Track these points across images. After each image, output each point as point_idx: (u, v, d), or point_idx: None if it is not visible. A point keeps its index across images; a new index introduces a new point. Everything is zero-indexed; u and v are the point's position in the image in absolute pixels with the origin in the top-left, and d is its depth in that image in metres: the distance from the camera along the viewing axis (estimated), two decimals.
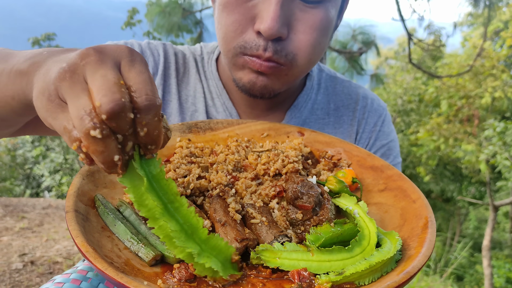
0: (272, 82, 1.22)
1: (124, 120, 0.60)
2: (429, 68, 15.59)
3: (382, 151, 1.49)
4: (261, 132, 1.27)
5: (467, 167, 13.87)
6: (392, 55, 19.88)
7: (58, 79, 0.63)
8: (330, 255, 0.74)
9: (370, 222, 0.82)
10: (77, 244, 0.68)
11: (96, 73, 0.62)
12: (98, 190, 0.91)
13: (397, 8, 6.69)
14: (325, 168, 1.16)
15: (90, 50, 0.65)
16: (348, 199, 0.94)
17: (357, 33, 7.24)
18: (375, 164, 1.13)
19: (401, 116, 16.54)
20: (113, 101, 0.58)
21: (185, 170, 1.01)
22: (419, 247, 0.76)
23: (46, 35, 13.44)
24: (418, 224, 0.85)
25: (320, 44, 1.21)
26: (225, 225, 0.79)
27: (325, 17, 1.17)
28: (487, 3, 7.09)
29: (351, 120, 1.51)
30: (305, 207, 0.87)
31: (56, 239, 7.15)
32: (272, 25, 1.08)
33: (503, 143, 10.71)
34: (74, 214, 0.76)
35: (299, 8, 1.14)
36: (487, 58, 13.58)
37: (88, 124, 0.58)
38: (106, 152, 0.60)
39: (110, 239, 0.78)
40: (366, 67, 7.46)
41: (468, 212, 17.53)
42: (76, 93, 0.61)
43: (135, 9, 11.75)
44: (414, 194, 0.96)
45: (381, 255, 0.72)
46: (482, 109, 14.10)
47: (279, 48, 1.14)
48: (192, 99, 1.43)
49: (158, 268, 0.74)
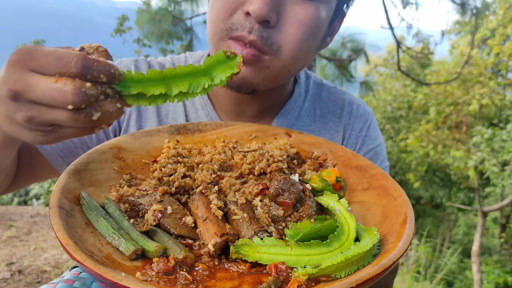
0: (252, 74, 1.20)
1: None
2: (418, 76, 15.75)
3: (369, 156, 1.50)
4: (249, 133, 1.29)
5: (456, 173, 13.99)
6: (381, 62, 20.05)
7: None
8: (308, 249, 0.75)
9: (350, 218, 0.84)
10: (58, 238, 0.69)
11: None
12: (84, 188, 0.92)
13: (386, 16, 6.77)
14: (311, 168, 1.17)
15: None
16: (330, 196, 0.96)
17: (346, 41, 7.30)
18: (360, 163, 1.15)
19: (390, 123, 16.66)
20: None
21: (171, 169, 1.02)
22: (396, 242, 0.77)
23: (35, 41, 13.38)
24: (397, 220, 0.87)
25: (307, 42, 1.20)
26: (206, 221, 0.81)
27: (316, 15, 1.17)
28: (474, 11, 7.19)
29: (337, 126, 1.52)
30: (285, 203, 0.88)
31: (44, 247, 7.07)
32: (262, 5, 1.07)
33: (491, 149, 10.83)
34: (58, 209, 0.77)
35: (291, 0, 1.15)
36: (474, 66, 13.76)
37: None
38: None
39: (93, 234, 0.79)
40: (355, 74, 7.52)
41: (457, 218, 17.65)
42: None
43: (125, 16, 11.75)
44: (396, 192, 0.98)
45: (358, 248, 0.73)
46: (470, 116, 14.25)
47: (265, 35, 1.13)
48: (172, 114, 1.42)
49: (139, 262, 0.75)
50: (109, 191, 0.96)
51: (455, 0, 7.00)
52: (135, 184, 1.01)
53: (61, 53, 0.71)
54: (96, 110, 0.73)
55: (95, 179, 0.97)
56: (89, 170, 0.98)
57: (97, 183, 0.96)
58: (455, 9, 7.22)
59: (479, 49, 15.48)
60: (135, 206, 0.89)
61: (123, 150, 1.10)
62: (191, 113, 1.42)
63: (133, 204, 0.89)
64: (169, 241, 0.79)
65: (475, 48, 14.70)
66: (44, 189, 12.40)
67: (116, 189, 0.95)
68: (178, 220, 0.84)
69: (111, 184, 0.99)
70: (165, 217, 0.83)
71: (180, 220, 0.84)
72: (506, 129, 10.49)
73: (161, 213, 0.84)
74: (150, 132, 1.19)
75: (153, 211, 0.84)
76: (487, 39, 14.96)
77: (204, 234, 0.79)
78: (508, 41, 13.29)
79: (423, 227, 16.23)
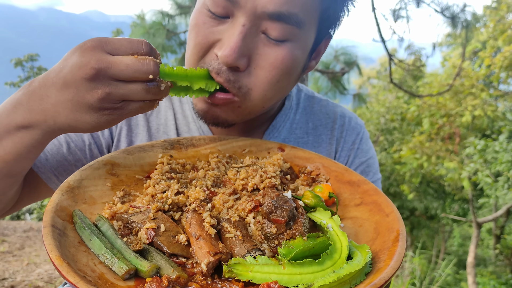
0: (225, 113, 1.20)
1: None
2: (410, 88, 15.87)
3: (361, 168, 1.50)
4: (242, 148, 1.29)
5: (449, 184, 14.05)
6: (374, 74, 20.20)
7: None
8: (301, 268, 0.75)
9: (343, 236, 0.84)
10: (51, 258, 0.69)
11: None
12: (77, 206, 0.91)
13: (378, 29, 6.83)
14: (304, 183, 1.17)
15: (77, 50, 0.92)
16: (323, 213, 0.96)
17: (339, 54, 7.36)
18: (352, 179, 1.15)
19: (384, 135, 16.73)
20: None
21: (164, 185, 1.02)
22: (388, 260, 0.77)
23: (29, 56, 13.39)
24: (389, 238, 0.87)
25: (279, 83, 1.17)
26: (200, 239, 0.80)
27: (288, 57, 1.14)
28: (465, 24, 7.27)
29: (330, 139, 1.52)
30: (278, 221, 0.88)
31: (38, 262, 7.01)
32: (229, 53, 1.06)
33: (484, 160, 10.89)
34: (51, 229, 0.77)
35: (263, 43, 1.12)
36: (466, 78, 13.90)
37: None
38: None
39: (86, 253, 0.78)
40: (348, 87, 7.56)
41: (452, 229, 17.67)
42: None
43: (119, 30, 11.80)
44: (388, 208, 0.98)
45: (350, 267, 0.73)
46: (463, 127, 14.35)
47: (232, 78, 1.12)
48: (163, 128, 1.41)
49: (132, 282, 0.75)
50: (102, 208, 0.95)
51: (445, 14, 7.09)
52: (129, 200, 1.01)
53: (129, 39, 0.91)
54: (162, 81, 0.95)
55: (88, 196, 0.97)
56: (83, 187, 0.98)
57: (90, 200, 0.96)
58: (446, 22, 7.31)
59: (470, 61, 15.66)
60: (128, 223, 0.89)
61: (116, 166, 1.10)
62: (182, 126, 1.42)
63: (126, 222, 0.89)
64: (162, 260, 0.78)
65: (467, 60, 14.87)
66: (37, 203, 12.29)
67: (110, 206, 0.95)
68: (171, 238, 0.84)
69: (105, 200, 0.99)
70: (158, 236, 0.83)
71: (174, 238, 0.84)
72: (498, 140, 10.57)
73: (154, 231, 0.84)
74: (144, 147, 1.19)
75: (146, 229, 0.84)
76: (478, 51, 15.15)
77: (197, 253, 0.79)
78: (499, 53, 13.44)
79: (418, 239, 16.22)
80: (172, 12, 6.87)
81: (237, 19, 1.09)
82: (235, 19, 1.09)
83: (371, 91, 19.19)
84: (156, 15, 6.86)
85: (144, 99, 0.93)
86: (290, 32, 1.11)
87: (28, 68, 13.87)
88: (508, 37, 13.10)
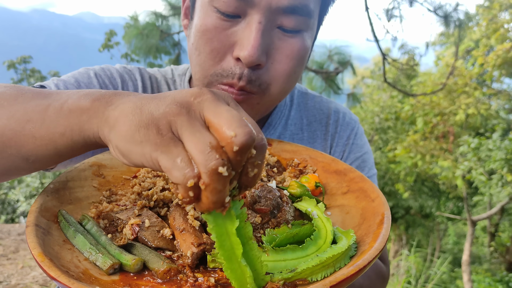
0: (245, 110, 1.21)
1: (246, 156, 0.60)
2: (404, 87, 15.92)
3: (356, 164, 1.50)
4: None
5: (444, 183, 14.11)
6: (368, 74, 20.26)
7: (172, 114, 0.62)
8: (285, 254, 0.76)
9: (327, 222, 0.85)
10: (33, 255, 0.69)
11: (220, 108, 0.62)
12: (63, 207, 0.91)
13: (371, 29, 6.86)
14: (291, 175, 1.18)
15: (204, 89, 0.66)
16: (308, 202, 0.96)
17: (333, 54, 7.37)
18: (339, 168, 1.16)
19: (378, 134, 16.79)
20: (248, 133, 0.58)
21: (150, 183, 1.02)
22: (372, 242, 0.78)
23: (21, 58, 13.33)
24: (375, 221, 0.88)
25: (295, 74, 1.21)
26: (184, 232, 0.81)
27: (302, 47, 1.17)
28: (457, 23, 7.31)
29: (324, 134, 1.52)
30: (262, 210, 0.89)
31: (32, 266, 6.98)
32: (252, 52, 1.07)
33: (477, 158, 10.94)
34: (34, 228, 0.77)
35: (277, 37, 1.14)
36: (459, 76, 13.97)
37: (217, 160, 0.57)
38: (223, 192, 0.59)
39: (70, 251, 0.78)
40: (342, 87, 7.58)
41: (447, 227, 17.74)
42: (197, 128, 0.61)
43: (112, 32, 11.78)
44: (373, 193, 0.99)
45: (333, 251, 0.74)
46: (457, 126, 14.42)
47: (253, 78, 1.13)
48: None
49: (116, 276, 0.75)
50: (88, 208, 0.95)
51: (438, 13, 7.13)
52: (115, 200, 1.01)
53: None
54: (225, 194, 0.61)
55: (74, 197, 0.97)
56: (68, 188, 0.97)
57: (76, 201, 0.96)
58: (439, 21, 7.35)
59: (463, 60, 15.75)
60: (114, 221, 0.89)
61: (103, 167, 1.10)
62: None
63: (112, 219, 0.89)
64: (150, 254, 0.79)
65: (460, 59, 14.94)
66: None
67: (95, 206, 0.95)
68: (156, 232, 0.84)
69: (91, 201, 0.98)
70: (142, 231, 0.83)
71: (158, 232, 0.84)
72: (492, 138, 10.62)
73: (139, 226, 0.84)
74: None
75: (130, 225, 0.84)
76: (471, 50, 15.24)
77: (182, 245, 0.79)
78: (492, 51, 13.52)
79: (413, 237, 16.28)
80: (166, 13, 6.86)
81: (252, 17, 1.09)
82: (249, 17, 1.10)
83: (365, 91, 19.25)
84: (150, 16, 6.85)
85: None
86: (303, 23, 1.14)
87: (21, 71, 13.81)
88: (501, 35, 13.19)
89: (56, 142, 0.81)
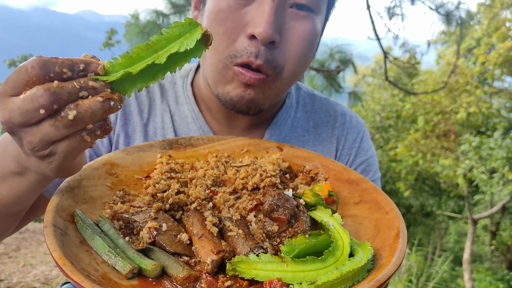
0: (258, 95, 1.22)
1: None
2: (405, 85, 15.91)
3: (362, 167, 1.50)
4: (241, 148, 1.29)
5: (445, 181, 14.11)
6: (369, 72, 20.23)
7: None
8: (304, 265, 0.76)
9: (344, 233, 0.85)
10: (54, 258, 0.69)
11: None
12: (78, 206, 0.91)
13: (373, 27, 6.85)
14: (303, 182, 1.18)
15: None
16: (323, 211, 0.96)
17: (334, 52, 7.37)
18: (351, 177, 1.16)
19: (379, 133, 16.77)
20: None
21: (165, 185, 1.02)
22: (390, 256, 0.78)
23: (22, 56, 13.30)
24: (390, 235, 0.88)
25: (306, 57, 1.23)
26: (202, 238, 0.81)
27: (313, 29, 1.20)
28: (459, 22, 7.30)
29: (331, 137, 1.52)
30: (280, 219, 0.89)
31: (34, 264, 6.97)
32: (268, 27, 1.09)
33: (479, 157, 10.94)
34: (52, 228, 0.77)
35: (290, 17, 1.16)
36: (461, 75, 13.95)
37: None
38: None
39: (88, 253, 0.78)
40: (344, 85, 7.58)
41: (448, 226, 17.74)
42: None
43: (113, 30, 11.76)
44: (387, 205, 0.99)
45: (353, 264, 0.74)
46: (458, 124, 14.41)
47: (270, 58, 1.15)
48: (160, 131, 1.40)
49: (135, 281, 0.75)
50: (102, 208, 0.95)
51: (440, 11, 7.12)
52: (128, 200, 1.01)
53: (20, 66, 0.71)
54: (70, 108, 0.69)
55: (88, 196, 0.97)
56: (82, 187, 0.97)
57: (90, 200, 0.96)
58: (441, 20, 7.34)
59: (465, 58, 15.72)
60: (130, 223, 0.89)
61: (115, 166, 1.10)
62: (181, 128, 1.41)
63: (127, 221, 0.89)
64: (169, 260, 0.79)
65: (461, 57, 14.92)
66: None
67: (110, 206, 0.95)
68: (173, 237, 0.84)
69: (105, 200, 0.99)
70: (160, 235, 0.83)
71: (175, 237, 0.84)
72: (493, 137, 10.62)
73: (156, 230, 0.84)
74: (143, 147, 1.19)
75: (148, 228, 0.84)
76: (472, 49, 15.21)
77: (200, 251, 0.79)
78: (493, 50, 13.50)
79: (414, 236, 16.27)
80: (167, 11, 6.86)
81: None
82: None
83: (366, 89, 19.22)
84: (151, 14, 6.85)
85: (62, 136, 0.73)
86: (315, 4, 1.19)
87: None
88: (502, 34, 13.17)
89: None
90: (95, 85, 0.72)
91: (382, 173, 15.64)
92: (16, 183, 0.91)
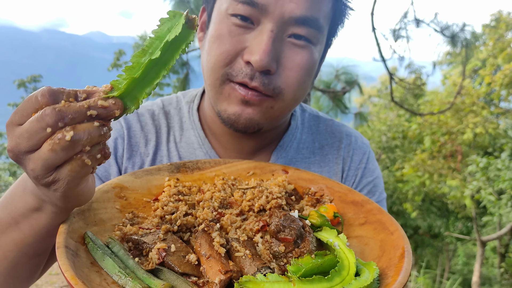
0: (258, 115, 1.23)
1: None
2: (411, 106, 15.93)
3: (368, 188, 1.50)
4: (247, 170, 1.31)
5: (452, 202, 14.00)
6: (375, 93, 20.32)
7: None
8: (311, 284, 0.77)
9: (350, 254, 0.86)
10: (66, 278, 0.71)
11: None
12: (88, 228, 0.94)
13: (378, 49, 6.91)
14: (308, 203, 1.20)
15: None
16: (329, 232, 0.98)
17: (340, 73, 7.43)
18: (356, 199, 1.17)
19: (386, 153, 16.74)
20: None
21: (173, 207, 1.04)
22: (395, 276, 0.79)
23: (32, 77, 13.50)
24: (395, 254, 0.89)
25: (305, 83, 1.26)
26: (210, 258, 0.83)
27: (311, 58, 1.23)
28: (464, 43, 7.35)
29: (336, 158, 1.52)
30: (287, 239, 0.91)
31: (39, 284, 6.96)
32: (263, 57, 1.12)
33: (486, 178, 10.88)
34: (64, 249, 0.79)
35: (288, 47, 1.19)
36: (467, 95, 13.99)
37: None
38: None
39: (98, 274, 0.80)
40: (350, 106, 7.62)
41: (456, 247, 17.53)
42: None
43: (121, 51, 11.95)
44: (392, 226, 1.00)
45: (359, 283, 0.75)
46: (465, 145, 14.38)
47: (266, 82, 1.17)
48: (166, 159, 1.41)
49: None
50: (112, 230, 0.98)
51: (445, 33, 7.18)
52: (137, 222, 1.03)
53: (29, 96, 0.74)
54: (67, 130, 0.71)
55: (98, 219, 0.99)
56: (93, 209, 1.00)
57: (100, 223, 0.98)
58: (446, 41, 7.40)
59: (471, 79, 15.77)
60: (139, 244, 0.91)
61: (125, 189, 1.12)
62: (188, 155, 1.42)
63: (136, 242, 0.91)
64: (178, 280, 0.80)
65: (467, 78, 14.97)
66: None
67: (120, 228, 0.97)
68: (182, 258, 0.86)
69: (114, 223, 1.01)
70: (169, 255, 0.85)
71: (184, 258, 0.86)
72: (500, 157, 10.58)
73: (165, 251, 0.86)
74: (151, 171, 1.21)
75: (157, 249, 0.86)
76: (478, 69, 15.29)
77: (208, 272, 0.81)
78: (499, 71, 13.54)
79: (422, 258, 16.09)
80: None
81: (264, 26, 1.16)
82: (262, 25, 1.17)
83: (372, 110, 19.28)
84: None
85: (63, 159, 0.74)
86: (313, 36, 1.22)
87: (31, 89, 13.98)
88: (508, 55, 13.24)
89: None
90: (104, 104, 0.75)
91: (389, 194, 15.55)
92: (35, 219, 0.93)
